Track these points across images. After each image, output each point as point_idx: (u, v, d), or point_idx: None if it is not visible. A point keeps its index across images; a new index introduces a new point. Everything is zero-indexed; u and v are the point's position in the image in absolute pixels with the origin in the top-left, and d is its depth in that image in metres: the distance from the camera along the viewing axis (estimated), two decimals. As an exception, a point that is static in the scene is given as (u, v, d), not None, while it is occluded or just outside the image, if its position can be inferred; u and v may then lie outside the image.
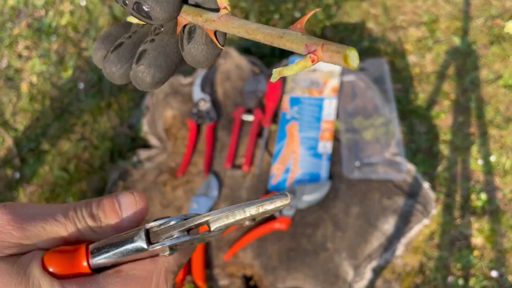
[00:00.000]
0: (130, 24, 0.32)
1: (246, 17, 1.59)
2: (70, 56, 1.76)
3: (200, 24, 0.27)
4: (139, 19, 0.28)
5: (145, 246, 0.27)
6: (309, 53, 0.23)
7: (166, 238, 0.28)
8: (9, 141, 1.54)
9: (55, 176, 1.39)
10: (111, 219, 0.30)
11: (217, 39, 0.27)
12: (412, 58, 1.52)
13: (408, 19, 1.63)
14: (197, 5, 0.28)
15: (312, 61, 0.23)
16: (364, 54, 1.53)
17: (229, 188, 1.08)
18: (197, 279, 0.97)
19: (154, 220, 0.29)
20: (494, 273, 1.10)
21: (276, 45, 0.24)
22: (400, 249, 0.97)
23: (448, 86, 1.44)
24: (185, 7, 0.28)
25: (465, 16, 1.59)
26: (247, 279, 1.01)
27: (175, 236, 0.28)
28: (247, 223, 0.28)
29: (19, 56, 1.83)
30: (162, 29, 0.29)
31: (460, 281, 1.10)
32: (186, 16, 0.27)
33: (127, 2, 0.27)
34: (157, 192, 1.12)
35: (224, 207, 0.28)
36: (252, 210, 0.27)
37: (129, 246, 0.28)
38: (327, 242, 0.96)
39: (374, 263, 0.94)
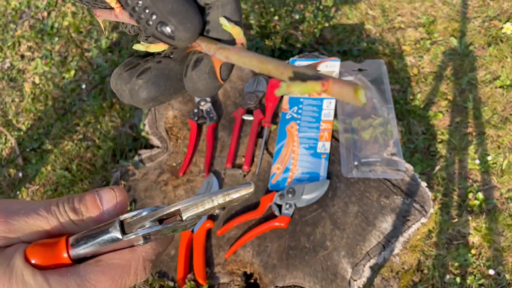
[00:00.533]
0: (147, 56, 0.32)
1: (246, 19, 1.60)
2: (73, 57, 1.78)
3: (212, 52, 0.28)
4: (160, 39, 0.29)
5: (119, 236, 0.29)
6: (320, 79, 0.23)
7: (139, 228, 0.30)
8: (12, 141, 1.55)
9: (58, 175, 1.41)
10: (93, 213, 0.31)
11: (220, 74, 0.29)
12: (410, 59, 1.53)
13: (406, 20, 1.64)
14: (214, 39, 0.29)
15: (322, 86, 0.23)
16: (362, 55, 1.55)
17: (229, 187, 1.10)
18: (198, 277, 0.99)
19: (127, 212, 0.31)
20: (491, 272, 1.11)
21: (286, 76, 0.25)
22: (398, 247, 0.98)
23: (445, 87, 1.46)
24: (201, 36, 0.29)
25: (463, 17, 1.61)
26: (247, 277, 1.02)
27: (147, 226, 0.30)
28: (217, 211, 0.30)
29: (22, 57, 1.85)
30: (171, 56, 0.31)
31: (458, 280, 1.11)
32: (201, 43, 0.29)
33: (150, 22, 0.28)
34: (158, 191, 1.13)
35: (192, 197, 0.30)
36: (220, 199, 0.29)
37: (105, 237, 0.29)
38: (326, 241, 0.98)
39: (372, 261, 0.96)
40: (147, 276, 0.31)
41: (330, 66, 1.21)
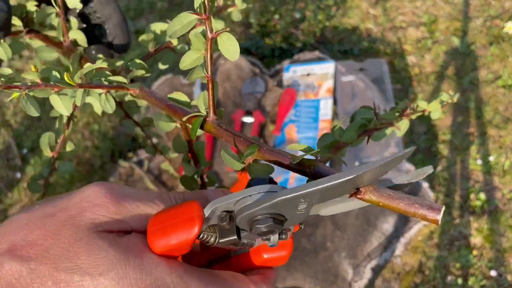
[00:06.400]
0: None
1: (247, 18, 1.59)
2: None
3: None
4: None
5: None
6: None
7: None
8: (10, 141, 1.55)
9: (56, 175, 1.40)
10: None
11: None
12: (411, 59, 1.53)
13: (407, 19, 1.64)
14: None
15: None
16: (363, 55, 1.54)
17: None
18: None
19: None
20: (493, 273, 1.11)
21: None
22: (399, 248, 0.98)
23: (447, 86, 1.45)
24: None
25: (464, 16, 1.60)
26: (247, 279, 1.02)
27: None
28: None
29: (20, 56, 1.84)
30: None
31: (459, 281, 1.10)
32: None
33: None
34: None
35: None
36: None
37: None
38: (327, 242, 0.97)
39: (373, 263, 0.95)
40: None
41: (325, 68, 1.20)
